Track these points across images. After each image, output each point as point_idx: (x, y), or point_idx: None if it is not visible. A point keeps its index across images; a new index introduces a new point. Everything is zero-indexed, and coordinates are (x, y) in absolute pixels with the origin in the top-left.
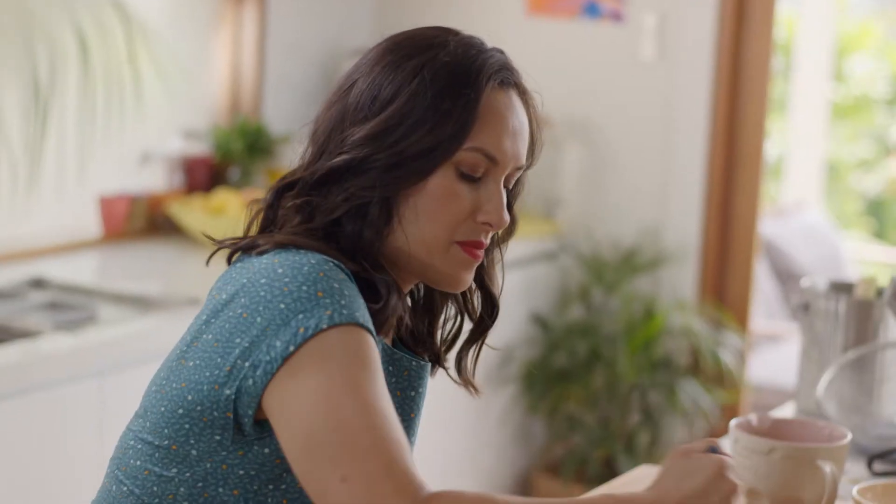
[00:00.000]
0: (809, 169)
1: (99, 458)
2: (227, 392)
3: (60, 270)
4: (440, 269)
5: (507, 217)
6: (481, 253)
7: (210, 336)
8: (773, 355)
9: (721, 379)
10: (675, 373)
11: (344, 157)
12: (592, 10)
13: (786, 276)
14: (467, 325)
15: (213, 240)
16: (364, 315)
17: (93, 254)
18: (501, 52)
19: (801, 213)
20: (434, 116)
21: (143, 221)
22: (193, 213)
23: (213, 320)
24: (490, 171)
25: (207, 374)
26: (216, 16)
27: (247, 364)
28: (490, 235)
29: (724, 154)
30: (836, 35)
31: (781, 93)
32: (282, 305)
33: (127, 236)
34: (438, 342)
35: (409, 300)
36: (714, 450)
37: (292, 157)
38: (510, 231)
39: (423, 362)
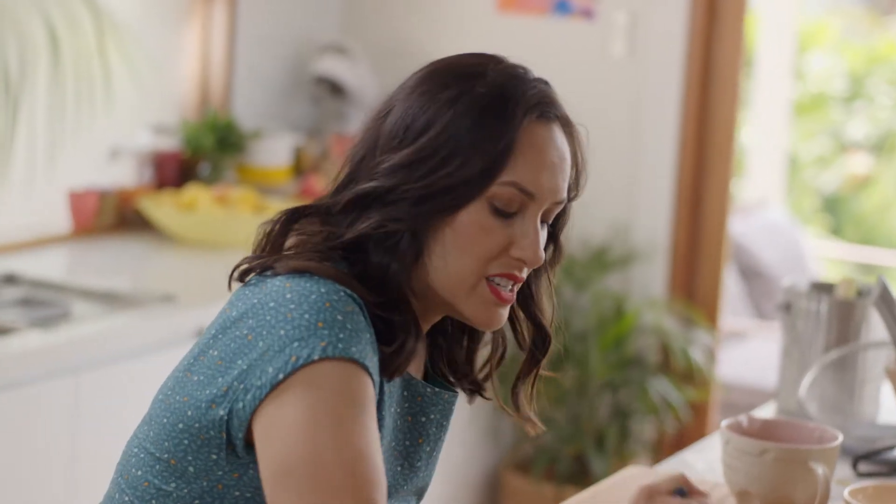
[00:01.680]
0: (771, 166)
1: (72, 455)
2: (221, 413)
3: (31, 266)
4: (466, 307)
5: (542, 254)
6: (511, 294)
7: (216, 353)
8: (738, 353)
9: (691, 376)
10: (646, 370)
11: (373, 183)
12: (563, 7)
13: (750, 274)
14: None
15: (243, 261)
16: (362, 351)
17: (63, 249)
18: (546, 83)
19: (764, 211)
20: (468, 149)
21: (112, 217)
22: (163, 209)
23: (220, 336)
24: (526, 205)
25: (207, 391)
26: (186, 10)
27: (241, 386)
28: (525, 271)
29: (695, 151)
30: (796, 33)
31: (743, 90)
32: (282, 332)
33: (97, 231)
34: (476, 370)
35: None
36: (682, 491)
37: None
38: (557, 258)
39: (437, 389)
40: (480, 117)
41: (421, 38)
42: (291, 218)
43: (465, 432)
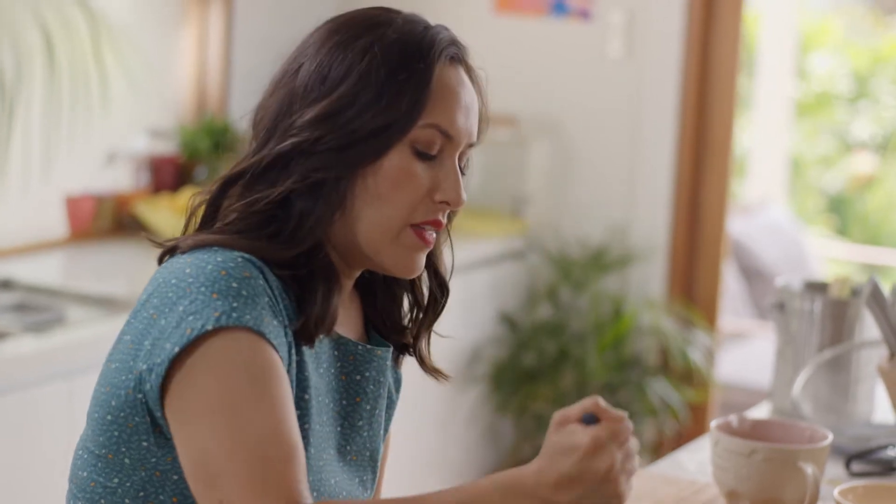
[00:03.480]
0: (773, 166)
1: (67, 461)
2: (139, 396)
3: (27, 271)
4: (391, 254)
5: (464, 195)
6: (433, 237)
7: (128, 337)
8: (739, 353)
9: (690, 377)
10: (644, 371)
11: (294, 139)
12: (560, 8)
13: (751, 274)
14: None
15: (154, 242)
16: (257, 317)
17: (59, 254)
18: (447, 28)
19: (766, 211)
20: (387, 94)
21: (109, 221)
22: (160, 213)
23: (132, 320)
24: (445, 148)
25: (123, 377)
26: (182, 13)
27: (145, 367)
28: (447, 215)
29: (693, 152)
30: (798, 33)
31: (745, 90)
32: (181, 308)
33: (93, 236)
34: (405, 328)
35: (374, 282)
36: (591, 417)
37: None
38: (454, 211)
39: (370, 347)
40: (398, 62)
41: None
42: (221, 189)
43: (465, 434)
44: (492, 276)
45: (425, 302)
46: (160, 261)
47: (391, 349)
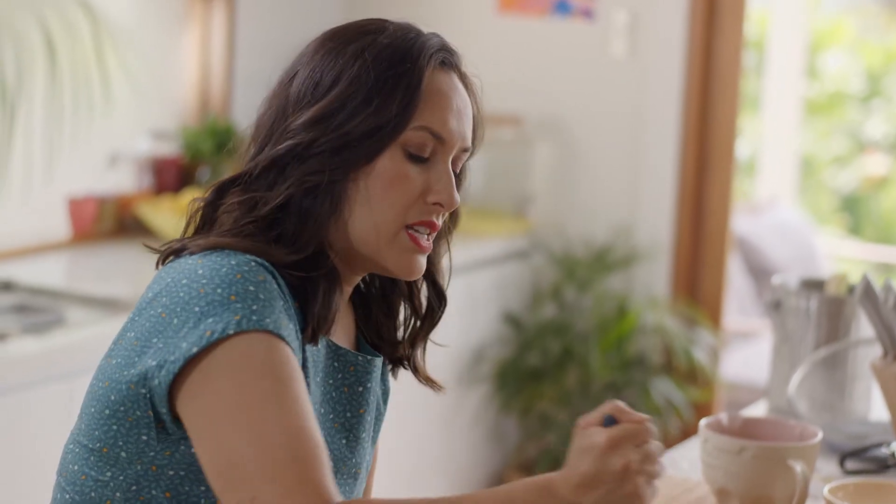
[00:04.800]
0: (783, 165)
1: None
2: (143, 391)
3: (29, 273)
4: (389, 256)
5: (457, 197)
6: (429, 242)
7: (132, 334)
8: (746, 352)
9: (694, 377)
10: (649, 371)
11: (288, 143)
12: (563, 8)
13: (759, 273)
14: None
15: (151, 248)
16: (277, 320)
17: (61, 256)
18: (438, 35)
19: (775, 210)
20: (378, 97)
21: (111, 223)
22: (163, 215)
23: (136, 318)
24: (438, 150)
25: (126, 372)
26: (184, 15)
27: (155, 364)
28: (441, 217)
29: (696, 151)
30: (809, 32)
31: (754, 90)
32: (196, 308)
33: (96, 238)
34: (399, 338)
35: (370, 295)
36: (610, 419)
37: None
38: (455, 222)
39: (369, 357)
40: (388, 66)
41: None
42: (218, 193)
43: (469, 434)
44: (496, 276)
45: (423, 311)
46: (163, 261)
47: (381, 359)
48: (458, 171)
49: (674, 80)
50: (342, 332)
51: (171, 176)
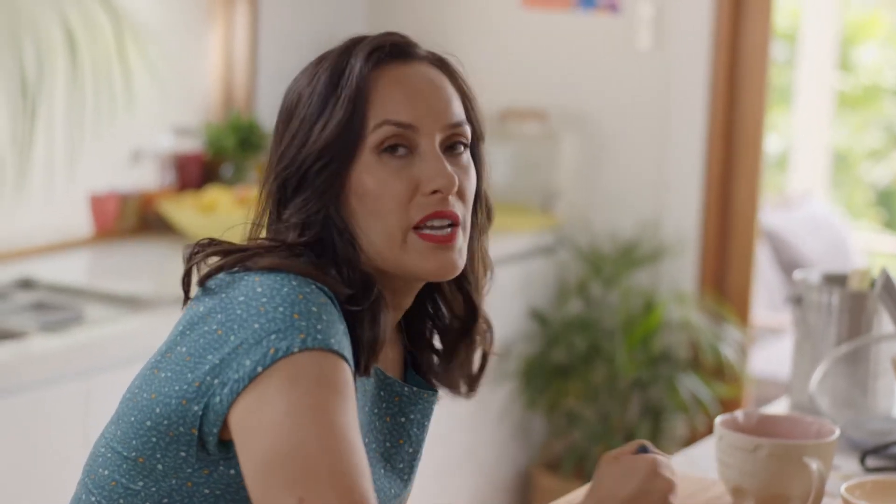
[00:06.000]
0: (816, 159)
1: (83, 460)
2: (195, 408)
3: (50, 270)
4: (409, 263)
5: (454, 178)
6: (450, 234)
7: (184, 349)
8: (776, 348)
9: (721, 373)
10: (675, 367)
11: (273, 176)
12: (588, 2)
13: (790, 268)
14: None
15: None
16: (340, 341)
17: (83, 253)
18: (387, 34)
19: (807, 204)
20: (328, 108)
21: (134, 220)
22: (185, 211)
23: (188, 332)
24: (414, 139)
25: (177, 387)
26: (207, 10)
27: (216, 381)
28: (451, 202)
29: (723, 144)
30: (842, 24)
31: (787, 83)
32: (256, 325)
33: (118, 235)
34: (454, 369)
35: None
36: (645, 449)
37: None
38: (488, 218)
39: (416, 389)
40: (331, 76)
41: (445, 33)
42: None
43: (495, 431)
44: (522, 272)
45: (475, 337)
46: (208, 277)
47: (437, 394)
48: (465, 142)
49: (700, 73)
50: (390, 361)
51: (193, 172)
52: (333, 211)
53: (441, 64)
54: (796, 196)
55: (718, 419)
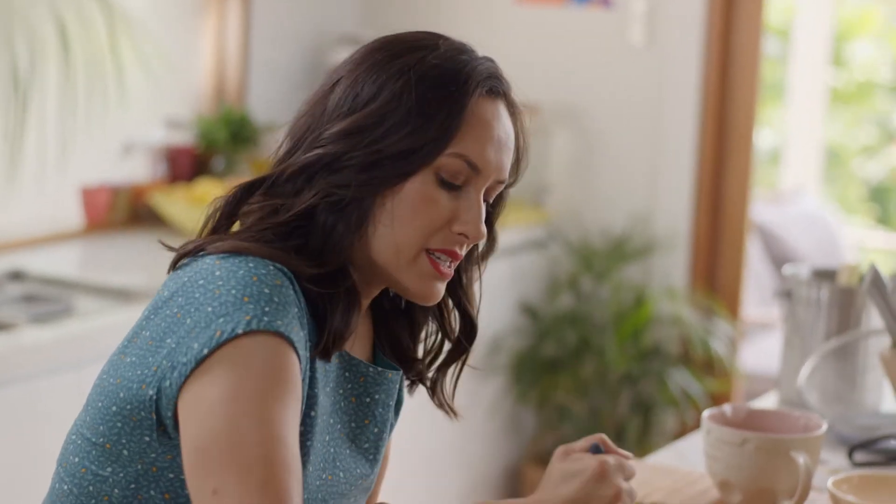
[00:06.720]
0: (808, 155)
1: None
2: (151, 392)
3: (41, 262)
4: (407, 279)
5: (483, 230)
6: (450, 269)
7: (147, 333)
8: (766, 343)
9: (712, 367)
10: (666, 361)
11: (318, 151)
12: None
13: (782, 263)
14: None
15: (168, 247)
16: (288, 324)
17: (74, 245)
18: (491, 60)
19: (800, 200)
20: (417, 118)
21: (125, 212)
22: (176, 204)
23: (152, 317)
24: (471, 180)
25: (139, 372)
26: (200, 3)
27: (168, 365)
28: (465, 248)
29: (715, 140)
30: (836, 20)
31: (779, 79)
32: (209, 308)
33: (109, 227)
34: (420, 356)
35: (392, 309)
36: (597, 448)
37: (269, 151)
38: (490, 249)
39: (381, 369)
40: (432, 87)
41: (438, 29)
42: (243, 194)
43: (485, 425)
44: (513, 266)
45: (453, 334)
46: (178, 261)
47: (400, 373)
48: (490, 200)
49: (692, 68)
50: (358, 343)
51: (185, 165)
52: (366, 200)
53: (515, 111)
54: (789, 191)
55: (706, 413)
